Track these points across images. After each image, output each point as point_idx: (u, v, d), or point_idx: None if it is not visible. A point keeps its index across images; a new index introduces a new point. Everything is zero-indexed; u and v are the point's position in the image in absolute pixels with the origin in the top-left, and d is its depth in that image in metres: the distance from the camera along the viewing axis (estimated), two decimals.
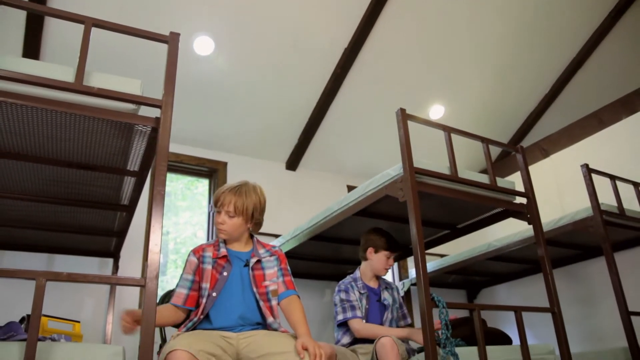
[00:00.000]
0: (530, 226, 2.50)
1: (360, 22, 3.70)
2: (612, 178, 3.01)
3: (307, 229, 2.92)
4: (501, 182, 2.43)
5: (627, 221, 2.97)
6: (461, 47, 4.17)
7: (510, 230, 3.31)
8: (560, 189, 4.03)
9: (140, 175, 2.03)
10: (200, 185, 4.22)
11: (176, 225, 4.00)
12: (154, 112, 1.59)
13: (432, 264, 4.00)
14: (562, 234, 3.03)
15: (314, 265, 3.63)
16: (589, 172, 2.90)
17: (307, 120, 4.20)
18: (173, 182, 4.07)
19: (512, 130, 5.10)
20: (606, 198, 2.92)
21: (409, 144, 2.16)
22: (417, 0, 3.76)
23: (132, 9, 3.18)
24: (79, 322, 2.53)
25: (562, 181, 4.03)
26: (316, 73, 3.93)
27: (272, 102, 4.01)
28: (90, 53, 1.55)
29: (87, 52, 1.54)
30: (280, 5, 3.49)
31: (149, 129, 1.64)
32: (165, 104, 1.58)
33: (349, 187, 4.70)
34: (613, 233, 2.96)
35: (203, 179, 4.21)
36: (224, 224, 1.92)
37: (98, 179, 2.05)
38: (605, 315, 3.48)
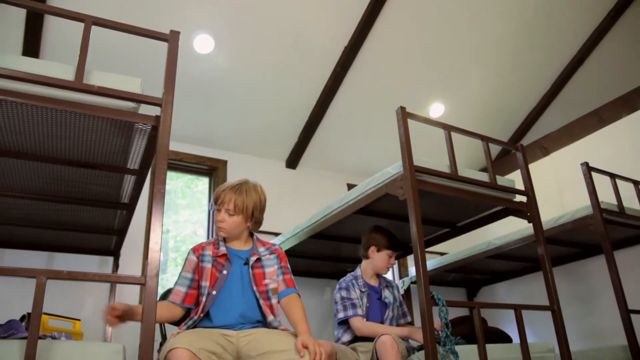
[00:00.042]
0: (530, 224, 2.50)
1: (360, 20, 3.70)
2: (612, 176, 3.01)
3: (307, 227, 2.92)
4: (501, 180, 2.43)
5: (627, 219, 2.97)
6: (461, 45, 4.16)
7: (510, 229, 3.31)
8: (560, 187, 4.03)
9: (141, 173, 2.03)
10: (200, 183, 4.22)
11: (176, 224, 4.00)
12: (154, 110, 1.59)
13: (432, 262, 4.00)
14: (562, 232, 3.03)
15: (314, 263, 3.63)
16: (589, 170, 2.90)
17: (307, 118, 4.20)
18: (173, 180, 4.07)
19: (512, 129, 5.10)
20: (606, 196, 2.92)
21: (409, 142, 2.16)
22: None
23: (132, 7, 3.18)
24: (79, 320, 2.54)
25: (562, 179, 4.03)
26: (316, 71, 3.93)
27: (272, 101, 4.01)
28: (90, 51, 1.55)
29: (87, 50, 1.54)
30: (280, 4, 3.49)
31: (149, 127, 1.64)
32: (165, 102, 1.58)
33: (349, 185, 4.70)
34: (613, 231, 2.96)
35: (203, 177, 4.21)
36: (224, 222, 1.92)
37: (98, 177, 2.06)
38: (605, 313, 3.49)
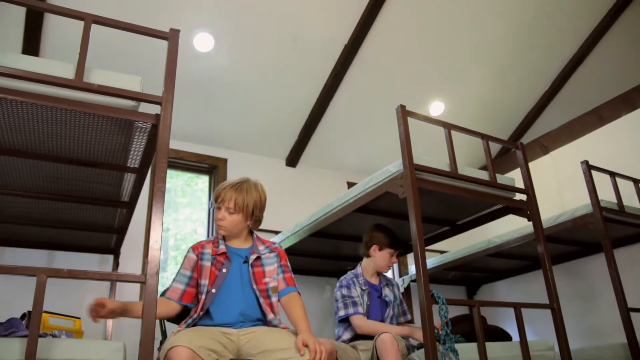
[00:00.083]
0: (530, 223, 2.50)
1: (361, 18, 3.70)
2: (612, 175, 3.01)
3: (307, 225, 2.92)
4: (501, 178, 2.43)
5: (627, 218, 2.97)
6: (461, 43, 4.16)
7: (510, 227, 3.31)
8: (560, 185, 4.03)
9: (141, 171, 2.03)
10: (200, 181, 4.22)
11: (176, 222, 4.00)
12: (154, 108, 1.59)
13: (432, 261, 4.00)
14: (562, 230, 3.03)
15: (314, 261, 3.63)
16: (588, 168, 2.90)
17: (307, 116, 4.20)
18: (173, 179, 4.07)
19: (512, 127, 5.10)
20: (606, 195, 2.92)
21: (409, 140, 2.16)
22: None
23: (132, 5, 3.17)
24: (79, 318, 2.53)
25: (562, 178, 4.03)
26: (316, 70, 3.93)
27: (272, 99, 4.01)
28: (90, 50, 1.54)
29: (87, 48, 1.54)
30: (280, 1, 3.48)
31: (149, 126, 1.64)
32: (165, 100, 1.58)
33: (349, 183, 4.70)
34: (613, 230, 2.97)
35: (203, 175, 4.21)
36: (224, 220, 1.92)
37: (98, 175, 2.06)
38: (605, 311, 3.49)
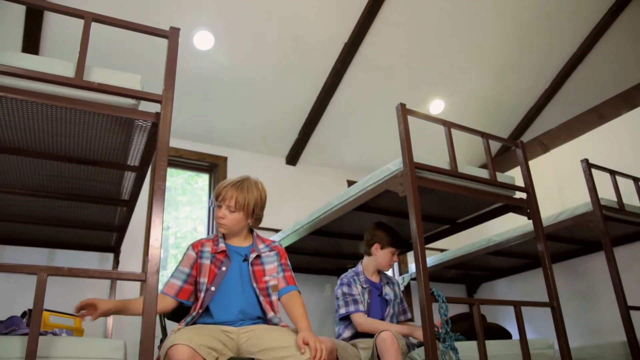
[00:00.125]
0: (530, 221, 2.50)
1: (360, 17, 3.69)
2: (612, 173, 3.01)
3: (307, 223, 2.92)
4: (501, 177, 2.43)
5: (627, 216, 2.97)
6: (461, 41, 4.15)
7: (510, 225, 3.31)
8: (560, 183, 4.03)
9: (141, 170, 2.03)
10: (200, 180, 4.22)
11: (176, 220, 4.00)
12: (154, 107, 1.59)
13: (432, 259, 4.00)
14: (562, 229, 3.03)
15: (314, 260, 3.63)
16: (588, 167, 2.90)
17: (307, 115, 4.20)
18: (173, 177, 4.07)
19: (512, 125, 5.09)
20: (606, 193, 2.92)
21: (409, 138, 2.16)
22: None
23: (132, 3, 3.17)
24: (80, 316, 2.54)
25: (562, 176, 4.03)
26: (316, 68, 3.92)
27: (272, 97, 4.01)
28: (90, 48, 1.54)
29: (87, 47, 1.53)
30: (280, 0, 3.48)
31: (149, 124, 1.63)
32: (166, 99, 1.58)
33: (349, 182, 4.70)
34: (612, 228, 2.97)
35: (203, 173, 4.22)
36: (225, 219, 1.92)
37: (98, 174, 2.06)
38: (605, 309, 3.49)
